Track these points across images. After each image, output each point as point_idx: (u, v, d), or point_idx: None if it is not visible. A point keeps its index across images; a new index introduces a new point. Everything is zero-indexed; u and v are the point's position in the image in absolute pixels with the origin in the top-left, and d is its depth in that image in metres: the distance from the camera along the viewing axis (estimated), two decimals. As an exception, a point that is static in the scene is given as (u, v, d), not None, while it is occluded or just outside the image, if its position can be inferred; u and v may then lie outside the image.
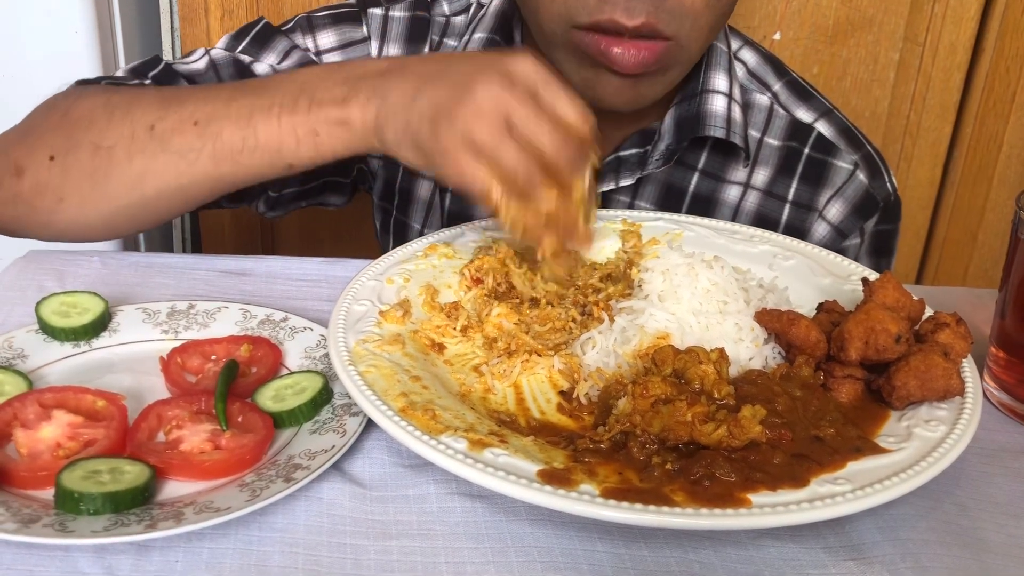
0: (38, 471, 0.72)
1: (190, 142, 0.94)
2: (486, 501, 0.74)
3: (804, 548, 0.71)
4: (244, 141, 0.93)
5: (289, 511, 0.72)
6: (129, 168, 0.96)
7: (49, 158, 0.98)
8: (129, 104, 0.99)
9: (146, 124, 0.96)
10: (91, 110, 1.00)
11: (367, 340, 0.84)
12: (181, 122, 0.95)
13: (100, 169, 0.97)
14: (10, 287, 0.99)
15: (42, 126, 1.02)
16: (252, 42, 1.19)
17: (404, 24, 1.21)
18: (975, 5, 1.81)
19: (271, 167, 0.95)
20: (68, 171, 0.98)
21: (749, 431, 0.72)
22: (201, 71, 1.17)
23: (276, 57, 1.18)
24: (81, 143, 0.98)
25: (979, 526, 0.75)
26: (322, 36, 1.20)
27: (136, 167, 0.96)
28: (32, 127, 1.04)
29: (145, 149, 0.96)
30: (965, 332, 0.83)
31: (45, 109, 1.05)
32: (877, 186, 1.21)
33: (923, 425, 0.77)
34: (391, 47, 1.21)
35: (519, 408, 0.82)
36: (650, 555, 0.70)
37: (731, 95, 1.16)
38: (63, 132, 1.00)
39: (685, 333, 0.85)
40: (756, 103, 1.21)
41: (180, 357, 0.87)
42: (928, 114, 1.90)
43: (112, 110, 0.98)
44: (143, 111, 0.97)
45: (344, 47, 1.21)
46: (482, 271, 0.96)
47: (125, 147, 0.96)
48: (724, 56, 1.18)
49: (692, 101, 1.16)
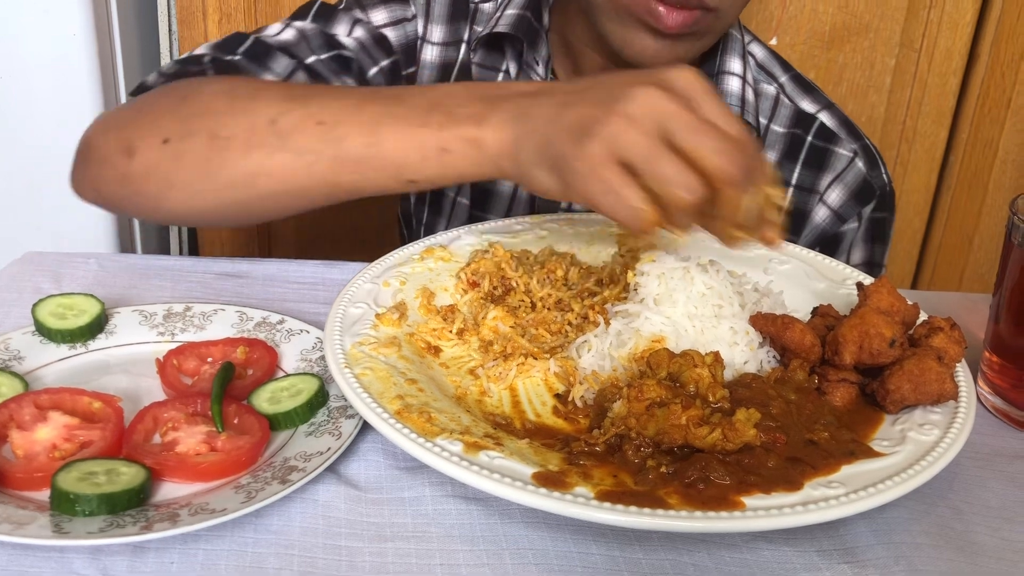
0: (34, 472, 0.72)
1: (311, 143, 0.89)
2: (481, 503, 0.74)
3: (798, 551, 0.72)
4: (368, 149, 0.87)
5: (284, 513, 0.72)
6: (244, 162, 0.91)
7: (163, 141, 0.93)
8: (252, 95, 0.93)
9: (268, 117, 0.91)
10: (212, 97, 0.95)
11: (363, 343, 0.84)
12: (304, 120, 0.89)
13: (214, 160, 0.92)
14: (7, 289, 0.99)
15: (158, 108, 0.98)
16: (316, 18, 1.20)
17: (446, 4, 1.25)
18: (970, 11, 1.82)
19: (392, 180, 0.88)
20: (181, 158, 0.93)
21: (743, 434, 0.72)
22: (293, 41, 1.15)
23: (346, 28, 1.19)
24: (197, 130, 0.93)
25: (972, 529, 0.76)
26: (374, 13, 1.22)
27: (252, 162, 0.91)
28: (147, 107, 1.00)
29: (264, 144, 0.90)
30: (959, 337, 0.84)
31: (163, 90, 1.01)
32: (874, 175, 1.26)
33: (917, 429, 0.77)
34: (434, 26, 1.24)
35: (514, 411, 0.83)
36: (644, 557, 0.70)
37: (745, 78, 1.22)
38: (179, 117, 0.95)
39: (680, 337, 0.85)
40: (764, 92, 1.26)
41: (176, 359, 0.87)
42: (924, 119, 1.90)
43: (234, 99, 0.94)
44: (266, 103, 0.92)
45: (395, 23, 1.22)
46: (478, 274, 0.96)
47: (243, 140, 0.91)
48: (738, 43, 1.23)
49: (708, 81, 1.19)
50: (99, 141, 0.99)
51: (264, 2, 1.73)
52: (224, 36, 1.15)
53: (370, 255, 1.01)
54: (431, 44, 1.25)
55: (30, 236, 1.67)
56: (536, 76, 1.22)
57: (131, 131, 0.96)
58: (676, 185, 0.74)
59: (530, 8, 1.22)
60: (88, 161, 1.00)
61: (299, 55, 1.15)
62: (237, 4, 1.73)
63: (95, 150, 0.99)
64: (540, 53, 1.22)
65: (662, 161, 0.74)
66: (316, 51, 1.16)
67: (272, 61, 1.13)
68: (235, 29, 1.73)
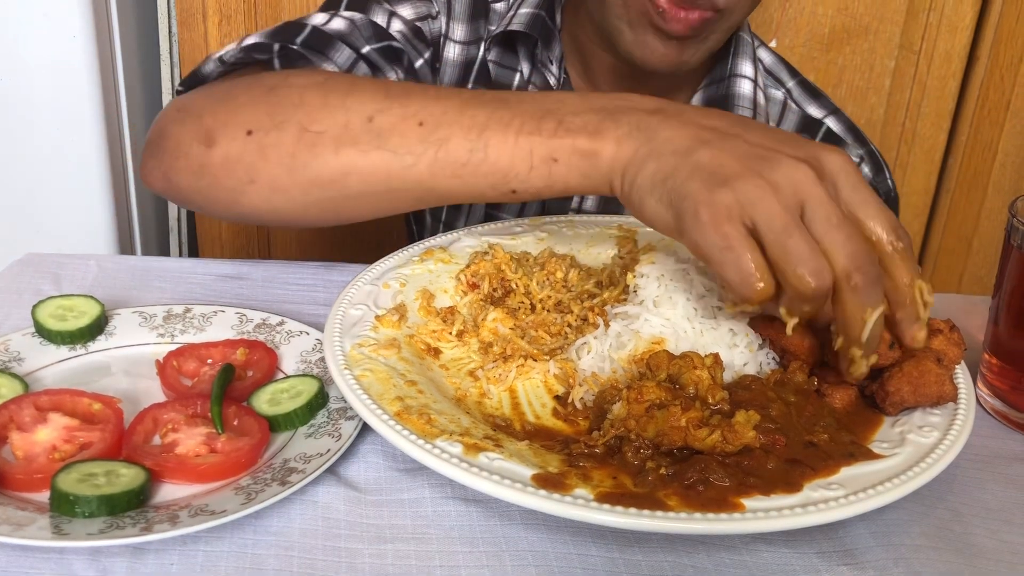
0: (34, 474, 0.72)
1: (410, 144, 0.84)
2: (481, 505, 0.74)
3: (797, 553, 0.72)
4: (471, 154, 0.82)
5: (284, 514, 0.72)
6: (335, 160, 0.86)
7: (247, 132, 0.88)
8: (348, 89, 0.88)
9: (365, 114, 0.85)
10: (303, 89, 0.90)
11: (363, 344, 0.84)
12: (404, 119, 0.84)
13: (301, 155, 0.87)
14: (6, 290, 1.00)
15: (242, 97, 0.93)
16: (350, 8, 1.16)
17: (467, 3, 1.24)
18: (970, 14, 1.82)
19: (492, 189, 0.83)
20: (265, 151, 0.88)
21: (743, 436, 0.72)
22: (347, 31, 1.11)
23: (384, 19, 1.15)
24: (286, 123, 0.88)
25: (972, 531, 0.76)
26: (401, 8, 1.19)
27: (343, 160, 0.86)
28: (229, 96, 0.94)
29: (358, 141, 0.85)
30: (959, 339, 0.84)
31: (247, 80, 0.96)
32: (879, 181, 1.27)
33: (916, 431, 0.77)
34: (456, 24, 1.23)
35: (514, 412, 0.83)
36: (644, 559, 0.71)
37: (756, 81, 1.22)
38: (266, 108, 0.90)
39: (680, 338, 0.85)
40: (772, 97, 1.27)
41: (176, 360, 0.87)
42: (923, 122, 1.91)
43: (328, 92, 0.88)
44: (362, 99, 0.86)
45: (424, 19, 1.21)
46: (478, 276, 0.97)
47: (335, 135, 0.86)
48: (749, 47, 1.24)
49: (720, 84, 1.21)
50: (175, 129, 0.94)
51: (264, 4, 1.74)
52: (276, 25, 1.09)
53: (370, 257, 1.01)
54: (453, 42, 1.24)
55: (30, 237, 1.67)
56: (550, 75, 1.22)
57: (211, 119, 0.91)
58: (804, 264, 0.69)
59: (543, 7, 1.22)
60: (162, 150, 0.95)
61: (355, 44, 1.10)
62: (237, 6, 1.73)
63: (170, 138, 0.94)
64: (554, 52, 1.22)
65: (795, 237, 0.70)
66: (369, 41, 1.12)
67: (333, 51, 1.08)
68: (235, 31, 1.73)
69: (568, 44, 1.24)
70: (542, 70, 1.23)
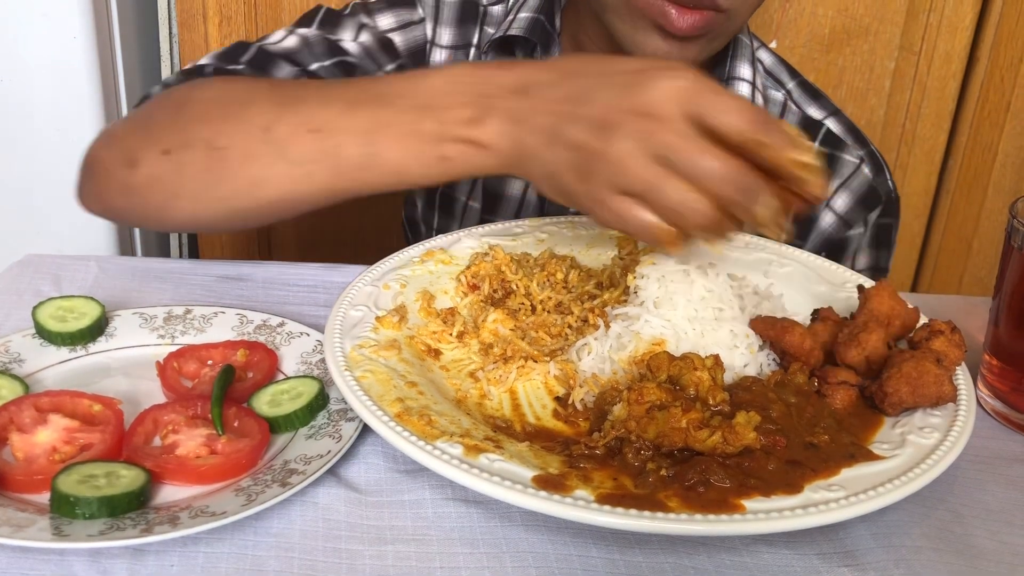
0: (34, 475, 0.72)
1: (308, 153, 0.88)
2: (481, 506, 0.74)
3: (798, 554, 0.72)
4: (367, 159, 0.87)
5: (285, 516, 0.72)
6: (244, 173, 0.91)
7: (163, 152, 0.93)
8: (244, 102, 0.93)
9: (261, 126, 0.90)
10: (206, 105, 0.95)
11: (363, 345, 0.84)
12: (297, 128, 0.89)
13: (214, 170, 0.92)
14: (7, 291, 0.99)
15: (156, 117, 0.98)
16: (321, 25, 1.20)
17: (455, 8, 1.25)
18: (970, 15, 1.82)
19: (394, 185, 0.89)
20: (182, 168, 0.93)
21: (743, 437, 0.72)
22: (296, 48, 1.16)
23: (352, 33, 1.19)
24: (195, 140, 0.92)
25: (972, 533, 0.76)
26: (381, 18, 1.22)
27: (251, 173, 0.91)
28: (146, 117, 1.00)
29: (260, 155, 0.90)
30: (959, 340, 0.84)
31: (160, 100, 1.01)
32: (880, 182, 1.27)
33: (917, 432, 0.77)
34: (443, 29, 1.25)
35: (515, 414, 0.83)
36: (645, 561, 0.70)
37: (755, 83, 1.22)
38: (177, 126, 0.95)
39: (680, 340, 0.85)
40: (772, 98, 1.27)
41: (176, 362, 0.87)
42: (924, 123, 1.91)
43: (227, 106, 0.93)
44: (258, 110, 0.91)
45: (403, 27, 1.23)
46: (478, 277, 0.97)
47: (240, 149, 0.91)
48: (748, 49, 1.24)
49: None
50: (102, 154, 1.00)
51: (264, 5, 1.74)
52: (227, 45, 1.15)
53: (370, 258, 1.01)
54: (440, 47, 1.26)
55: (30, 239, 1.67)
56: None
57: (132, 142, 0.97)
58: (682, 207, 0.75)
59: (543, 11, 1.22)
60: (92, 175, 1.00)
61: (302, 62, 1.15)
62: (238, 7, 1.73)
63: (98, 163, 1.00)
64: (552, 56, 1.22)
65: (664, 190, 0.75)
66: (319, 57, 1.16)
67: (275, 69, 1.13)
68: (236, 32, 1.73)
69: (568, 47, 1.24)
70: None
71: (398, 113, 0.86)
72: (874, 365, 0.83)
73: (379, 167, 0.87)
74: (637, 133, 0.76)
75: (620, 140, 0.76)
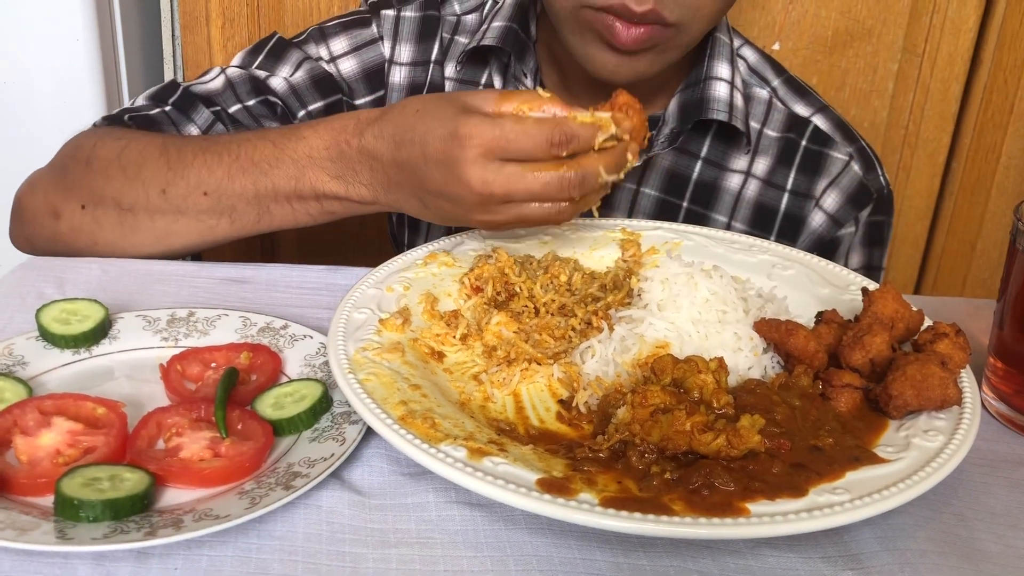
0: (38, 478, 0.72)
1: (205, 212, 1.02)
2: (485, 510, 0.74)
3: (803, 558, 0.72)
4: (260, 216, 1.02)
5: (288, 519, 0.72)
6: (153, 227, 1.03)
7: (81, 207, 1.05)
8: (139, 164, 1.03)
9: (157, 188, 1.02)
10: (107, 164, 1.05)
11: (367, 348, 0.84)
12: (190, 191, 1.01)
13: (127, 224, 1.04)
14: (10, 294, 0.99)
15: (71, 172, 1.08)
16: (267, 57, 1.23)
17: (415, 24, 1.26)
18: (973, 16, 1.82)
19: (292, 229, 1.05)
20: (99, 221, 1.05)
21: (748, 440, 0.72)
22: (219, 90, 1.21)
23: (290, 69, 1.23)
24: (104, 198, 1.04)
25: (977, 536, 0.75)
26: (335, 42, 1.25)
27: (159, 227, 1.03)
28: (62, 170, 1.10)
29: (164, 212, 1.02)
30: (964, 343, 0.83)
31: (71, 151, 1.11)
32: (871, 178, 1.25)
33: (921, 435, 0.77)
34: (403, 46, 1.26)
35: (518, 417, 0.82)
36: (648, 564, 0.70)
37: (733, 83, 1.21)
38: (87, 184, 1.05)
39: (684, 342, 0.85)
40: (756, 96, 1.26)
41: (180, 364, 0.87)
42: (927, 125, 1.90)
43: (125, 167, 1.04)
44: (152, 172, 1.02)
45: (357, 49, 1.26)
46: (482, 279, 0.96)
47: (143, 208, 1.03)
48: (727, 48, 1.22)
49: (696, 88, 1.21)
50: (28, 201, 1.11)
51: (267, 7, 1.73)
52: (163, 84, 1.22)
53: (373, 261, 1.01)
54: (399, 65, 1.27)
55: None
56: (524, 88, 1.23)
57: (53, 195, 1.08)
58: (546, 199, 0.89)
59: (516, 20, 1.22)
60: (21, 220, 1.12)
61: (222, 104, 1.20)
62: (240, 9, 1.73)
63: (26, 210, 1.11)
64: (528, 65, 1.22)
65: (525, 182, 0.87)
66: (242, 98, 1.22)
67: (195, 112, 1.19)
68: (238, 34, 1.73)
69: (544, 55, 1.24)
70: (514, 83, 1.24)
71: (279, 182, 1.00)
72: (878, 368, 0.83)
73: (273, 222, 1.02)
74: (478, 169, 0.88)
75: (466, 180, 0.88)
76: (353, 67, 1.25)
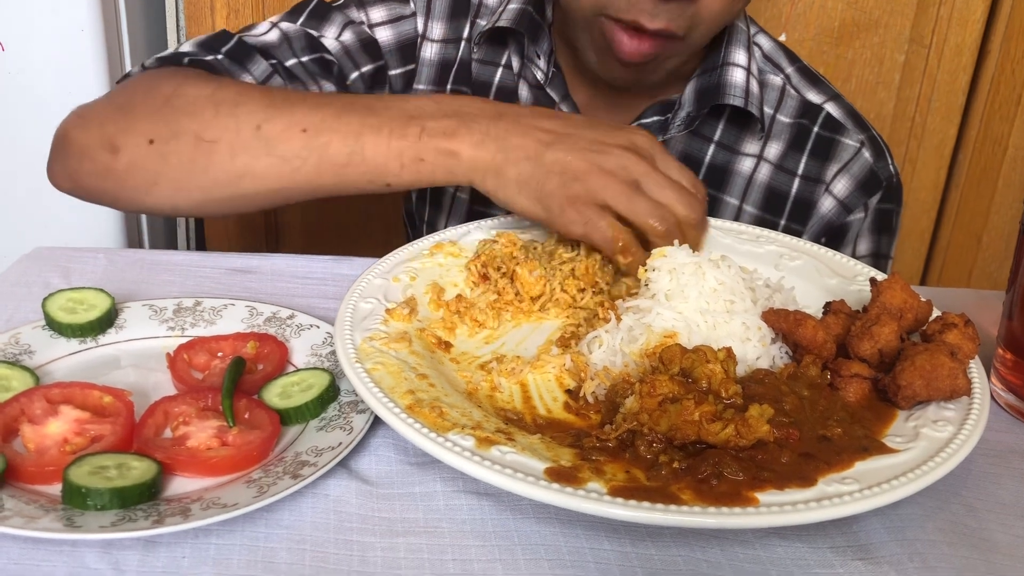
0: (45, 466, 0.72)
1: (296, 149, 0.96)
2: (493, 499, 0.74)
3: (811, 548, 0.71)
4: (351, 156, 0.96)
5: (296, 508, 0.72)
6: (231, 164, 0.97)
7: (148, 141, 0.99)
8: (236, 100, 0.99)
9: (253, 123, 0.97)
10: (196, 100, 1.00)
11: (374, 338, 0.84)
12: (289, 127, 0.96)
13: (200, 161, 0.98)
14: (17, 283, 0.99)
15: (141, 108, 1.02)
16: (310, 17, 1.22)
17: (447, 2, 1.26)
18: (981, 7, 1.81)
19: (370, 184, 0.98)
20: (167, 158, 0.98)
21: (756, 430, 0.72)
22: (275, 43, 1.18)
23: (336, 30, 1.21)
24: (183, 132, 0.98)
25: (986, 527, 0.75)
26: (373, 11, 1.24)
27: (238, 165, 0.97)
28: (130, 106, 1.03)
29: (249, 148, 0.97)
30: (973, 333, 0.83)
31: (144, 89, 1.05)
32: (881, 166, 1.26)
33: (930, 425, 0.77)
34: (435, 23, 1.26)
35: (525, 406, 0.82)
36: (657, 554, 0.70)
37: (750, 69, 1.22)
38: (164, 118, 1.00)
39: (692, 332, 0.85)
40: (770, 83, 1.27)
41: (187, 354, 0.87)
42: (933, 116, 1.90)
43: (219, 103, 0.99)
44: (250, 109, 0.98)
45: (393, 21, 1.25)
46: (492, 260, 0.96)
47: (229, 143, 0.97)
48: (744, 35, 1.24)
49: (713, 73, 1.22)
50: (78, 135, 1.03)
51: (272, -2, 1.73)
52: (211, 33, 1.17)
53: (379, 251, 1.01)
54: (431, 42, 1.27)
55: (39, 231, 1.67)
56: (538, 70, 1.24)
57: (113, 129, 1.01)
58: (651, 215, 0.90)
59: (531, 3, 1.23)
60: (67, 155, 1.04)
61: (279, 57, 1.17)
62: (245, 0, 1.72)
63: (74, 143, 1.03)
64: (542, 47, 1.23)
65: (638, 200, 0.91)
66: (298, 54, 1.18)
67: (251, 63, 1.15)
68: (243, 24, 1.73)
69: (559, 38, 1.24)
70: (529, 65, 1.24)
71: (386, 120, 0.96)
72: (887, 358, 0.83)
73: (361, 164, 0.96)
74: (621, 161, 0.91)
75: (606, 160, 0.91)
76: (389, 37, 1.25)
